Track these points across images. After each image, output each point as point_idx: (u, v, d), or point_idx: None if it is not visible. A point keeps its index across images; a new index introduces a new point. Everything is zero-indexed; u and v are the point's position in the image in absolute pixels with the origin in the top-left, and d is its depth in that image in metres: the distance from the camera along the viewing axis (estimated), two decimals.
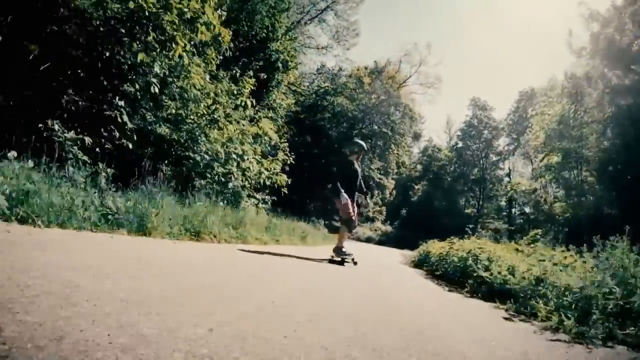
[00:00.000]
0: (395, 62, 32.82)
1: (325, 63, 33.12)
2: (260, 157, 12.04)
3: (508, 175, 45.62)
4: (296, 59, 24.31)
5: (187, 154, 8.83)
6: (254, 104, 12.42)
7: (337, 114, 29.23)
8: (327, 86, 31.25)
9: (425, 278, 6.20)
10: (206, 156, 8.74)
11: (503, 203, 46.23)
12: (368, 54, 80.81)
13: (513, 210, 44.21)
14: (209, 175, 9.09)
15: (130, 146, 7.62)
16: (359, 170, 7.11)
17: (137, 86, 7.94)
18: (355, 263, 6.52)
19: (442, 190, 47.37)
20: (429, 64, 37.50)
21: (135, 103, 8.24)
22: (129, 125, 7.67)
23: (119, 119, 7.39)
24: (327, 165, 29.19)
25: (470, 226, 40.05)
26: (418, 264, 9.38)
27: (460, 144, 47.68)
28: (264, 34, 20.67)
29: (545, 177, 24.44)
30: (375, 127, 28.73)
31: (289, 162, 17.02)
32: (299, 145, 29.19)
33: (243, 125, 10.95)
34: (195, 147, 8.86)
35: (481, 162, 46.44)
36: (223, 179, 9.23)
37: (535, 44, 73.82)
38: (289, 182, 13.66)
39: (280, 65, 22.41)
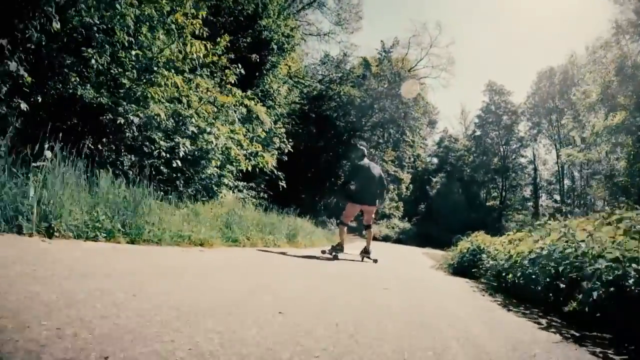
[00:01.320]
0: (404, 44, 29.64)
1: (328, 52, 30.24)
2: (242, 136, 9.16)
3: (532, 162, 41.86)
4: (294, 40, 21.44)
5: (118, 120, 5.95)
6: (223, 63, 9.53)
7: (344, 103, 26.23)
8: (332, 74, 28.29)
9: (513, 314, 3.08)
10: (135, 119, 5.79)
11: (527, 193, 42.55)
12: (373, 38, 76.81)
13: (539, 200, 40.61)
14: (146, 150, 6.18)
15: (24, 108, 4.89)
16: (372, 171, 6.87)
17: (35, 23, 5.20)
18: (375, 261, 6.70)
19: (462, 183, 43.93)
20: (440, 45, 33.99)
21: (43, 52, 5.53)
22: (26, 77, 4.92)
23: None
24: (336, 159, 26.20)
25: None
26: (460, 270, 6.34)
27: (478, 132, 44.08)
28: (252, 9, 17.81)
29: (603, 146, 19.34)
30: (387, 115, 25.54)
31: (286, 150, 14.28)
32: (305, 139, 26.32)
33: (207, 90, 8.05)
34: (126, 112, 5.97)
35: (501, 149, 42.72)
36: (168, 155, 6.30)
37: (549, 24, 69.67)
38: (288, 176, 11.10)
39: (274, 46, 19.61)
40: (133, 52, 6.36)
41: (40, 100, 5.41)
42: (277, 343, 1.50)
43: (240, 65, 8.97)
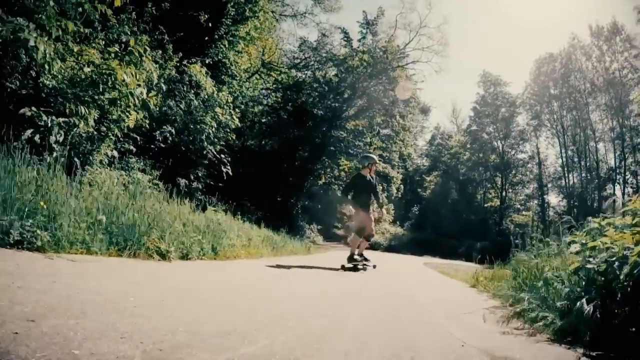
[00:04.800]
0: (390, 23, 25.97)
1: (307, 37, 26.53)
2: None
3: (536, 155, 38.42)
4: (258, 6, 17.74)
5: None
6: None
7: (322, 88, 22.66)
8: (309, 58, 24.68)
9: None
10: None
11: (530, 191, 39.09)
12: (355, 19, 72.43)
13: (545, 197, 37.27)
14: None
15: None
16: (373, 181, 7.41)
17: None
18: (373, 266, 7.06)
19: (457, 182, 40.57)
20: (430, 25, 29.73)
21: None
22: None
23: None
24: (315, 154, 22.47)
25: None
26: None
27: (474, 127, 40.58)
28: None
29: None
30: (372, 99, 21.86)
31: (234, 125, 10.55)
32: (279, 132, 22.69)
33: None
34: None
35: (500, 144, 39.24)
36: None
37: (543, 17, 67.20)
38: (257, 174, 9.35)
39: (231, 9, 15.96)
40: None
41: None
42: None
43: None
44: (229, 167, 9.87)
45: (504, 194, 38.69)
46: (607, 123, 32.77)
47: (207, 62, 14.02)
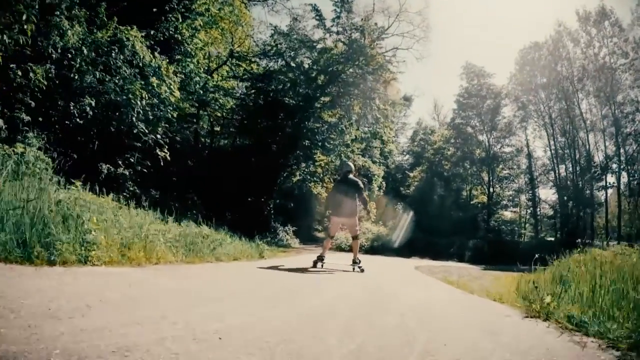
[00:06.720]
0: (367, 4, 24.55)
1: (279, 25, 24.88)
2: None
3: (525, 146, 37.33)
4: None
5: None
6: None
7: (294, 73, 21.10)
8: (280, 44, 22.98)
9: None
10: None
11: (517, 185, 38.06)
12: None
13: (537, 191, 36.26)
14: None
15: None
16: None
17: None
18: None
19: (442, 179, 39.33)
20: (411, 10, 27.83)
21: None
22: None
23: None
24: (287, 147, 20.76)
25: None
26: None
27: (458, 120, 39.36)
28: None
29: None
30: (350, 84, 20.35)
31: (173, 99, 8.76)
32: (251, 126, 21.03)
33: None
34: None
35: (485, 138, 38.17)
36: None
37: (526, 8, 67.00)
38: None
39: None
40: None
41: None
42: None
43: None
44: (166, 151, 8.11)
45: (491, 189, 37.52)
46: (598, 112, 31.89)
47: (156, 36, 12.20)
